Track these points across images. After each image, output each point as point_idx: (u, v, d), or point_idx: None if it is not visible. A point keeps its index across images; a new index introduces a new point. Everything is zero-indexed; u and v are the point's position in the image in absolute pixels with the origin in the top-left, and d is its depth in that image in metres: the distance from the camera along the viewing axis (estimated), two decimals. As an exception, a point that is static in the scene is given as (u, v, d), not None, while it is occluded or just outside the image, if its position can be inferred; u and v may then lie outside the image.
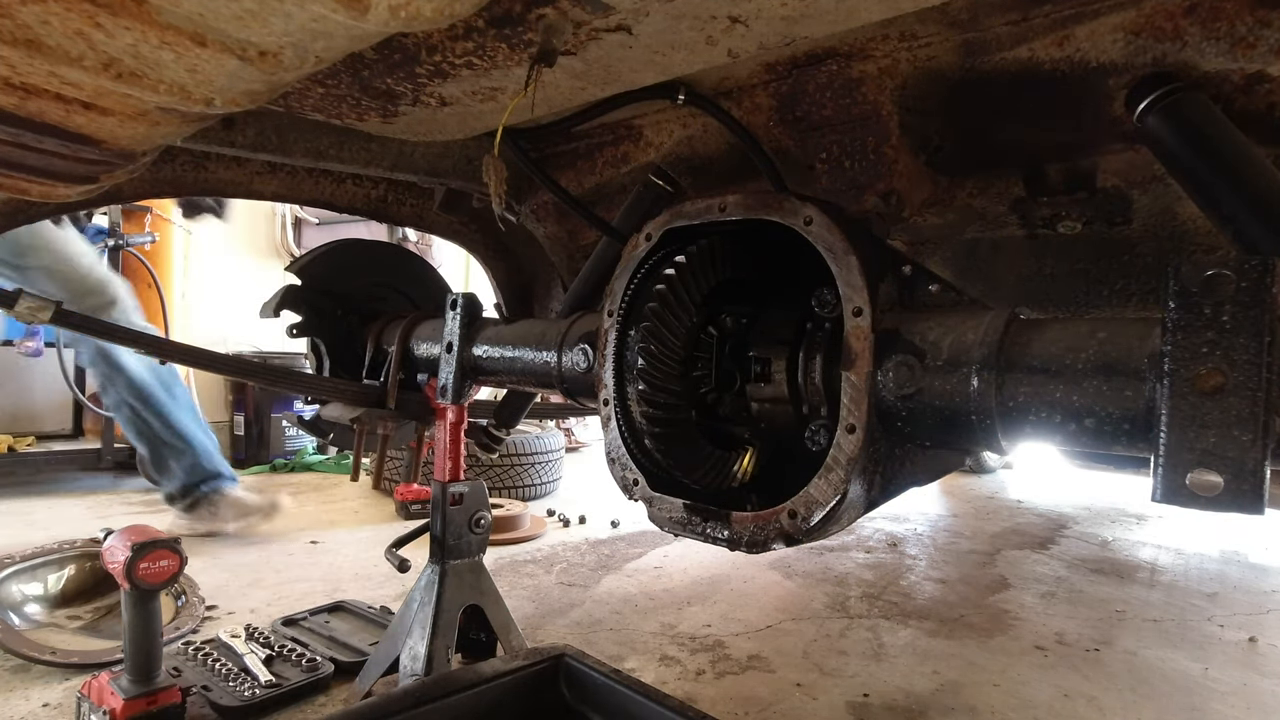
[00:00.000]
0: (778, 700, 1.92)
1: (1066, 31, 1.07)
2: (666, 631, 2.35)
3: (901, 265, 0.99)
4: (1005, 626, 2.51)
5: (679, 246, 1.10)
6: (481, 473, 4.09)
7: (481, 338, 1.59)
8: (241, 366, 1.68)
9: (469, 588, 1.78)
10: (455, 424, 1.77)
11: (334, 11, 0.64)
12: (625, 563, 3.11)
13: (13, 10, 0.65)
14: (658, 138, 1.62)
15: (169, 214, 4.81)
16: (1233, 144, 0.98)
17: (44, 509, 3.56)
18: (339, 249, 2.02)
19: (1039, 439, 0.82)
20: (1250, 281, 0.67)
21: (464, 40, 1.04)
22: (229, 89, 0.81)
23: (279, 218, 6.17)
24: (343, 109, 1.32)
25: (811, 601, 2.68)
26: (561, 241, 1.99)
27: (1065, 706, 1.96)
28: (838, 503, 0.89)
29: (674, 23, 0.99)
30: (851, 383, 0.89)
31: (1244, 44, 0.98)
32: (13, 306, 1.45)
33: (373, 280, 2.07)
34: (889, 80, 1.22)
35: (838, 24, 1.01)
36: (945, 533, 3.80)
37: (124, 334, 1.76)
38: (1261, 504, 0.65)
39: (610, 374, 1.11)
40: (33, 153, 0.94)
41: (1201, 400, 0.67)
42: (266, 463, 5.31)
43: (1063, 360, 0.79)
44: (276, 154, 1.57)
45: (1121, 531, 3.93)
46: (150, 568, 1.51)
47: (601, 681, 1.36)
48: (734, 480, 1.09)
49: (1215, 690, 2.08)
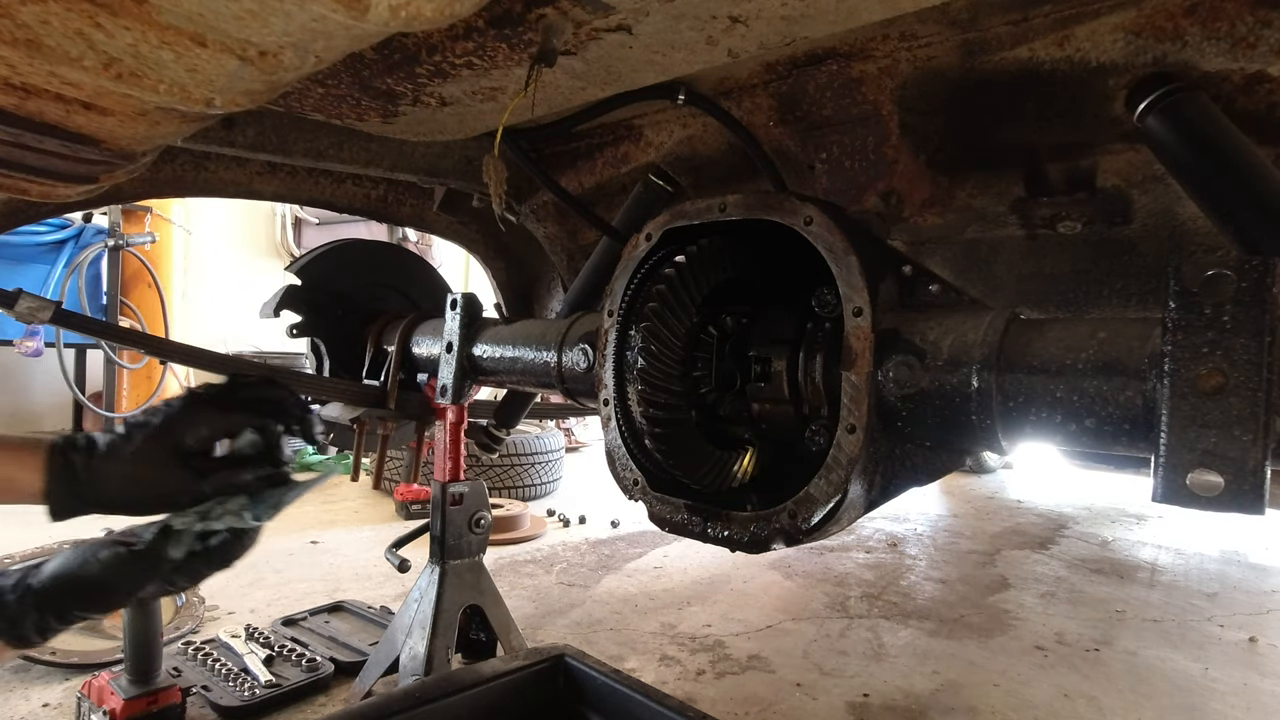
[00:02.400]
0: (778, 700, 1.92)
1: (1067, 31, 1.07)
2: (666, 631, 2.35)
3: (901, 265, 0.99)
4: (1005, 626, 2.51)
5: (679, 246, 1.10)
6: (481, 473, 4.09)
7: (481, 338, 1.59)
8: (241, 366, 1.68)
9: (469, 588, 1.78)
10: (455, 424, 1.77)
11: (334, 11, 0.64)
12: (625, 563, 3.11)
13: (13, 10, 0.65)
14: (658, 138, 1.62)
15: (169, 214, 4.81)
16: (1233, 144, 0.98)
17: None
18: (339, 249, 2.02)
19: (1039, 439, 0.82)
20: (1250, 281, 0.67)
21: (464, 40, 1.04)
22: (229, 89, 0.81)
23: (279, 218, 6.17)
24: (343, 109, 1.32)
25: (811, 601, 2.68)
26: (561, 241, 1.99)
27: (1065, 706, 1.95)
28: (838, 503, 0.89)
29: (674, 23, 0.99)
30: (852, 383, 0.89)
31: (1244, 44, 0.98)
32: (13, 306, 1.45)
33: (373, 280, 2.07)
34: (889, 80, 1.22)
35: (838, 24, 1.01)
36: (945, 533, 3.80)
37: (124, 334, 1.76)
38: (1262, 504, 0.65)
39: (610, 374, 1.11)
40: (33, 153, 0.94)
41: (1202, 400, 0.67)
42: (266, 463, 5.30)
43: (1063, 360, 0.79)
44: (276, 154, 1.57)
45: (1121, 531, 3.93)
46: (150, 568, 1.51)
47: (601, 681, 1.36)
48: (734, 480, 1.09)
49: (1215, 690, 2.08)
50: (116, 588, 0.88)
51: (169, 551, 0.87)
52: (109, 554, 0.88)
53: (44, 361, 4.47)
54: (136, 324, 4.58)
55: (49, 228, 4.42)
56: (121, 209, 4.50)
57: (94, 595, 0.89)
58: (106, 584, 0.88)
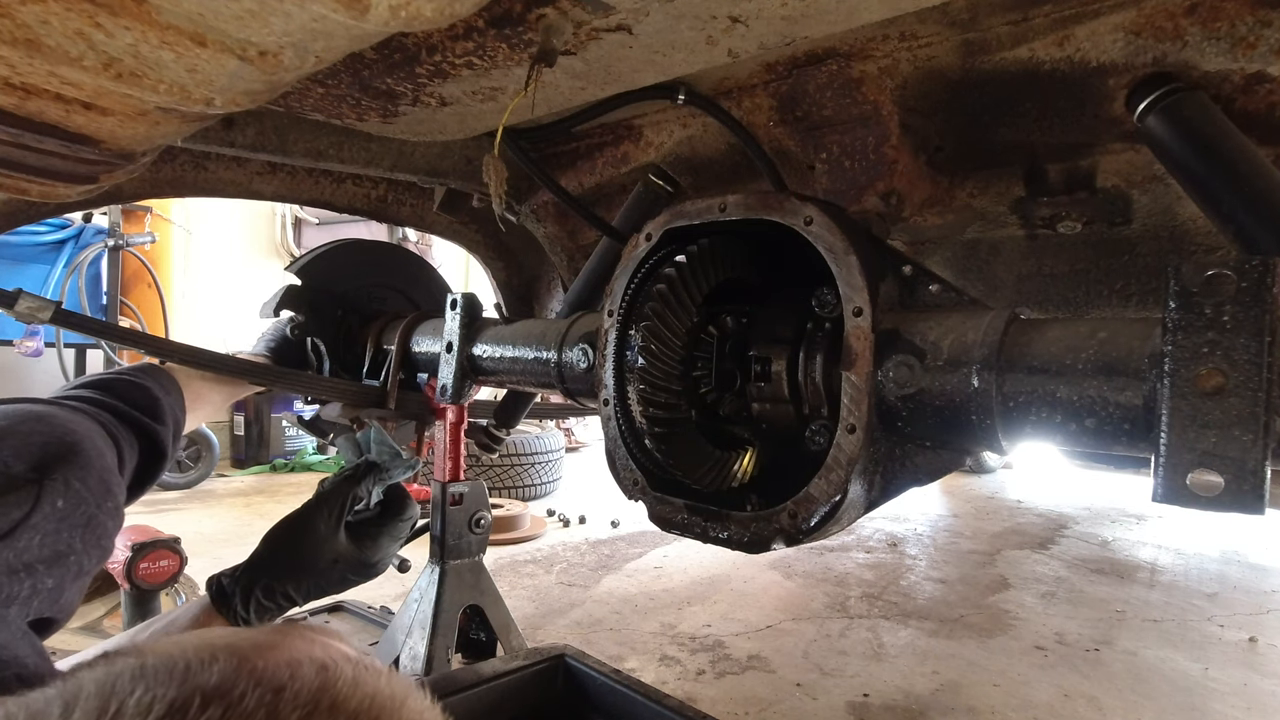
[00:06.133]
0: (778, 700, 1.92)
1: (1066, 31, 1.07)
2: (666, 631, 2.35)
3: (902, 265, 0.99)
4: (1005, 626, 2.51)
5: (679, 246, 1.10)
6: (481, 473, 4.09)
7: (481, 338, 1.59)
8: (241, 366, 1.68)
9: (469, 588, 1.78)
10: (455, 424, 1.77)
11: (334, 11, 0.63)
12: (625, 563, 3.11)
13: (13, 10, 0.65)
14: (658, 138, 1.62)
15: (169, 214, 4.81)
16: (1233, 144, 0.98)
17: (44, 509, 3.54)
18: (339, 249, 2.02)
19: (1039, 439, 0.82)
20: (1251, 281, 0.67)
21: (464, 40, 1.03)
22: (229, 89, 0.81)
23: (279, 218, 6.17)
24: (343, 109, 1.32)
25: (811, 601, 2.68)
26: (561, 241, 1.99)
27: (1065, 706, 1.95)
28: (838, 503, 0.89)
29: (674, 23, 0.99)
30: (852, 383, 0.89)
31: (1244, 44, 0.98)
32: (13, 306, 1.45)
33: (373, 280, 2.07)
34: (889, 80, 1.21)
35: (838, 24, 1.01)
36: (945, 533, 3.80)
37: (124, 334, 1.76)
38: (1262, 504, 0.65)
39: (610, 374, 1.11)
40: (33, 153, 0.94)
41: (1202, 400, 0.67)
42: (266, 463, 5.31)
43: (1063, 360, 0.79)
44: (276, 154, 1.57)
45: (1121, 531, 3.93)
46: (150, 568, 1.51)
47: (601, 681, 1.36)
48: (734, 480, 1.09)
49: (1215, 690, 2.08)
50: (314, 529, 1.12)
51: (353, 489, 1.13)
52: (305, 504, 1.14)
53: (44, 361, 4.47)
54: (136, 324, 4.58)
55: (49, 228, 4.42)
56: (121, 209, 4.50)
57: (293, 563, 1.11)
58: (305, 530, 1.12)
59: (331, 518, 1.13)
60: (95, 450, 0.95)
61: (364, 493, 1.16)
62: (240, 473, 5.19)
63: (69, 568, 0.85)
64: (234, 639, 0.51)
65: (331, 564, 1.13)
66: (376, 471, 1.18)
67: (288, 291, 1.89)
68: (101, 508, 0.91)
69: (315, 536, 1.12)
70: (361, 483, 1.16)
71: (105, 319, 4.35)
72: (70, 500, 0.87)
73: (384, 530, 1.18)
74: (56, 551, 0.83)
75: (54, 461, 0.88)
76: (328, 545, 1.13)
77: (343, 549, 1.13)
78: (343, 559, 1.14)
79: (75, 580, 0.87)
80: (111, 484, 0.96)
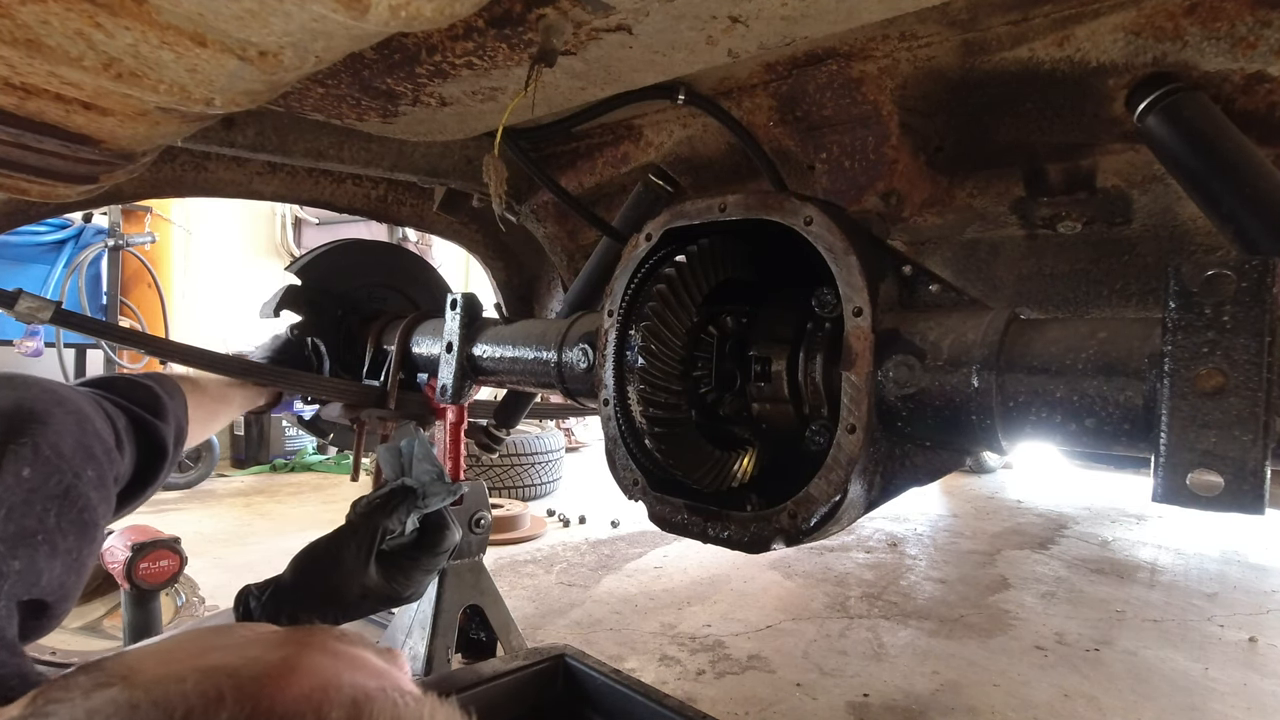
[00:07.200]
0: (778, 700, 1.92)
1: (1066, 31, 1.07)
2: (666, 631, 2.35)
3: (902, 265, 0.99)
4: (1005, 626, 2.51)
5: (679, 246, 1.10)
6: (481, 473, 4.09)
7: (481, 338, 1.59)
8: (242, 366, 1.68)
9: (469, 588, 1.78)
10: (455, 424, 1.77)
11: (334, 11, 0.64)
12: (625, 563, 3.11)
13: (13, 10, 0.65)
14: (658, 138, 1.62)
15: (169, 214, 4.81)
16: (1233, 144, 0.98)
17: (44, 509, 3.54)
18: (339, 249, 2.02)
19: (1039, 439, 0.82)
20: (1250, 281, 0.67)
21: (464, 40, 1.03)
22: (229, 89, 0.81)
23: (279, 218, 6.17)
24: (343, 109, 1.32)
25: (811, 601, 2.68)
26: (561, 241, 1.99)
27: (1065, 706, 1.96)
28: (838, 503, 0.89)
29: (674, 23, 0.99)
30: (852, 383, 0.89)
31: (1244, 44, 0.98)
32: (12, 306, 1.45)
33: (373, 280, 2.07)
34: (889, 80, 1.21)
35: (838, 24, 1.01)
36: (945, 533, 3.80)
37: (124, 334, 1.76)
38: (1262, 504, 0.65)
39: (610, 374, 1.11)
40: (33, 153, 0.94)
41: (1202, 400, 0.67)
42: (266, 463, 5.31)
43: (1063, 360, 0.79)
44: (276, 154, 1.57)
45: (1121, 531, 3.93)
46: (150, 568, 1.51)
47: (601, 681, 1.36)
48: (734, 480, 1.09)
49: (1215, 690, 2.08)
50: (342, 562, 1.06)
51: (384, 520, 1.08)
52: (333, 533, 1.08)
53: (44, 361, 4.47)
54: (136, 324, 4.58)
55: (49, 228, 4.42)
56: (121, 209, 4.50)
57: (320, 594, 1.05)
58: (333, 563, 1.06)
59: (361, 552, 1.06)
60: (77, 414, 0.86)
61: (396, 525, 1.09)
62: (240, 473, 5.19)
63: (37, 547, 0.75)
64: (240, 664, 0.45)
65: (360, 599, 1.07)
66: (412, 499, 1.12)
67: (288, 291, 1.89)
68: (81, 477, 0.82)
69: (343, 570, 1.05)
70: (394, 514, 1.09)
71: (105, 319, 4.36)
72: (40, 469, 0.78)
73: (418, 564, 1.10)
74: (23, 528, 0.74)
75: (22, 424, 0.79)
76: (355, 579, 1.06)
77: (372, 583, 1.06)
78: (371, 594, 1.06)
79: (54, 559, 0.77)
80: (95, 451, 0.87)
